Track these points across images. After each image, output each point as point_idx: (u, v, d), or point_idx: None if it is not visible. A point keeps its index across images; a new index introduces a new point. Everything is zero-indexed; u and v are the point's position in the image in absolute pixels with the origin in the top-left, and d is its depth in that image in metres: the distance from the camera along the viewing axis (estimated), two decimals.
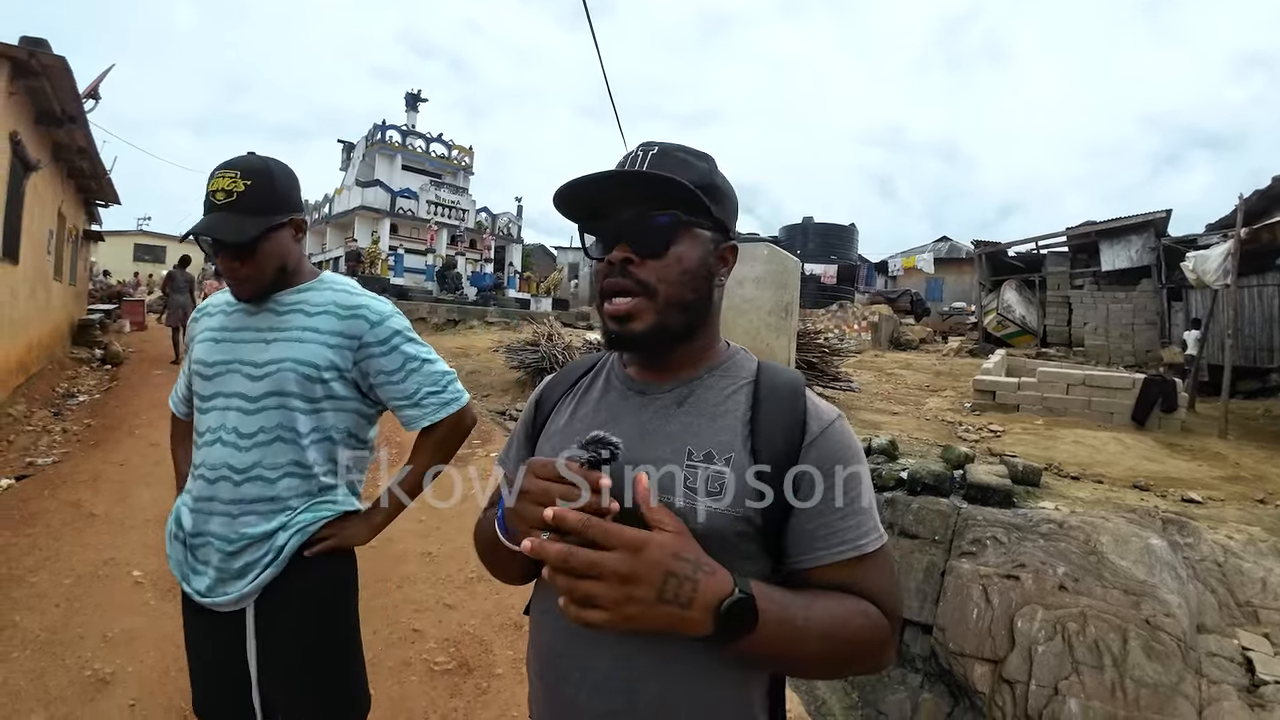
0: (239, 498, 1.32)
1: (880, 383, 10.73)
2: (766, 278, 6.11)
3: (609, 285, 0.84)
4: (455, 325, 19.22)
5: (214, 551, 1.32)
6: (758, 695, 0.86)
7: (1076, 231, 16.13)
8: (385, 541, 4.30)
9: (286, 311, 1.39)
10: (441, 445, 1.55)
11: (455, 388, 1.52)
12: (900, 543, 3.88)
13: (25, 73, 5.79)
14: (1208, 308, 10.69)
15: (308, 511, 1.37)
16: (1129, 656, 2.91)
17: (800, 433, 0.83)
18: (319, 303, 1.40)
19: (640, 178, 0.82)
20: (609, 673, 0.81)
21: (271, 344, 1.35)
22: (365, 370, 1.41)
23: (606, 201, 0.85)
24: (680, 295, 0.84)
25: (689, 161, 0.85)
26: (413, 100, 26.09)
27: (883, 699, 3.50)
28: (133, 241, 33.01)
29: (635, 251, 0.83)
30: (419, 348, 1.47)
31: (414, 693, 2.87)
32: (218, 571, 1.32)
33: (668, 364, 0.91)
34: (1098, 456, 5.65)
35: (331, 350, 1.37)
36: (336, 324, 1.38)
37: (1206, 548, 3.56)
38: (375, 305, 1.44)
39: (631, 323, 0.83)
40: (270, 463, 1.33)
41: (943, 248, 27.71)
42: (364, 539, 1.48)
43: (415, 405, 1.45)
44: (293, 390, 1.33)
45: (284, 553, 1.33)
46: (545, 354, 9.38)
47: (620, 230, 0.83)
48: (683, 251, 0.84)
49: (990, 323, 17.24)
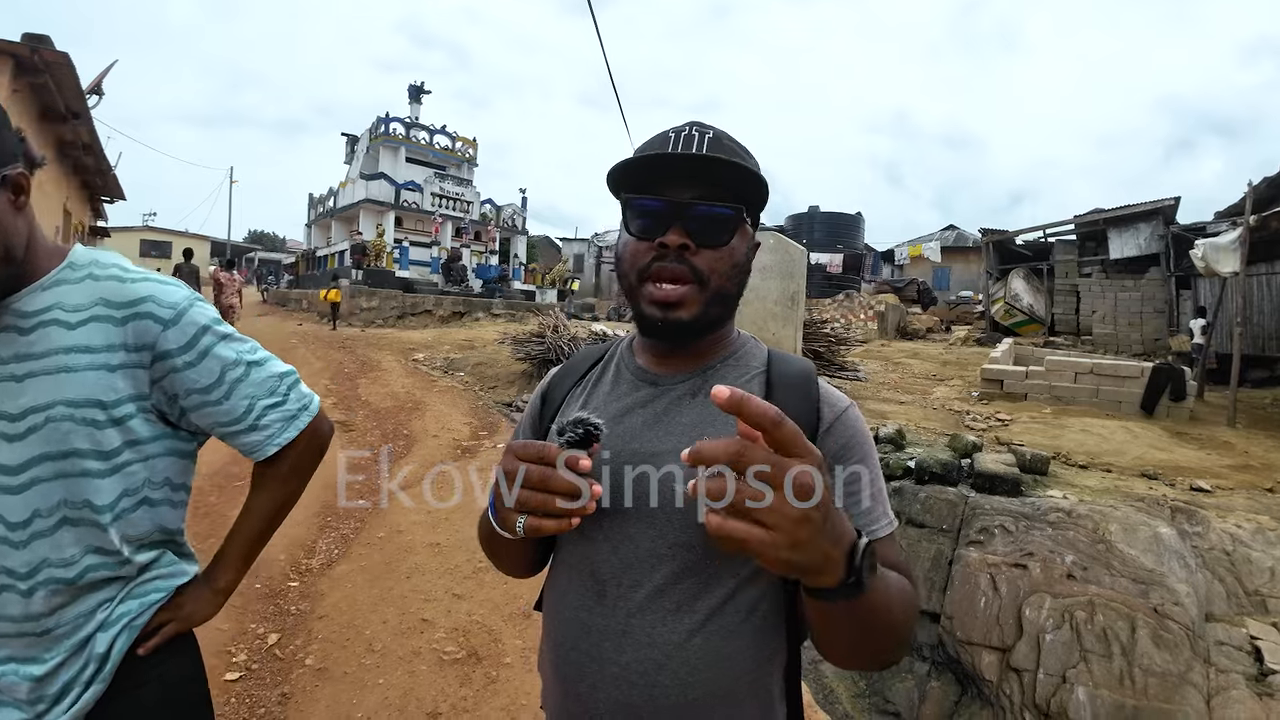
0: (32, 613, 0.93)
1: (887, 372, 10.70)
2: (772, 267, 6.09)
3: (661, 270, 0.81)
4: (461, 318, 19.26)
5: (18, 682, 0.93)
6: (776, 685, 0.85)
7: (1085, 219, 16.03)
8: (394, 532, 4.35)
9: (35, 326, 0.92)
10: (296, 472, 1.18)
11: (300, 392, 1.14)
12: (907, 531, 3.88)
13: (28, 69, 5.80)
14: (1216, 296, 10.60)
15: (130, 600, 1.02)
16: (1137, 645, 2.90)
17: (815, 421, 0.83)
18: (79, 303, 0.94)
19: (731, 166, 0.79)
20: (628, 666, 0.79)
21: (25, 382, 0.90)
22: (170, 391, 0.99)
23: (662, 180, 0.82)
24: (727, 288, 0.84)
25: (744, 156, 0.83)
26: (416, 92, 26.05)
27: (890, 687, 3.50)
28: (139, 237, 33.19)
29: (694, 239, 0.80)
30: (238, 346, 1.06)
31: (423, 682, 2.88)
32: (30, 706, 0.94)
33: (683, 353, 0.90)
34: (1106, 445, 5.63)
35: (118, 374, 0.94)
36: (113, 332, 0.94)
37: (1215, 536, 3.54)
38: (163, 293, 0.99)
39: (679, 310, 0.81)
40: (60, 558, 0.93)
41: (950, 236, 27.60)
42: (211, 611, 1.15)
43: (253, 429, 1.07)
44: (76, 447, 0.91)
45: (110, 660, 0.98)
46: (551, 345, 9.39)
47: (681, 214, 0.80)
48: (737, 245, 0.83)
49: (998, 311, 17.17)
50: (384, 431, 6.87)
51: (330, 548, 4.24)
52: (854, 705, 3.41)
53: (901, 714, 3.38)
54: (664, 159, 0.80)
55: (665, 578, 0.79)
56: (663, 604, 0.79)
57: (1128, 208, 15.16)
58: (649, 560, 0.80)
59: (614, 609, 0.81)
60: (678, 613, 0.79)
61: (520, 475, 0.69)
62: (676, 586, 0.79)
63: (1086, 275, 16.11)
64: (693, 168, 0.80)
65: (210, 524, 4.27)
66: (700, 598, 0.79)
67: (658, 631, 0.78)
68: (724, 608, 0.79)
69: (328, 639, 3.20)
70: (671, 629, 0.78)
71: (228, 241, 36.22)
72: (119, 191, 12.07)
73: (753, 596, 0.81)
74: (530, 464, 0.70)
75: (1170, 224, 14.43)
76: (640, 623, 0.79)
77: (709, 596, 0.79)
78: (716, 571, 0.79)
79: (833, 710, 3.24)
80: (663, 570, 0.80)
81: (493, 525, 0.79)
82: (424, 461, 5.85)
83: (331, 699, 2.76)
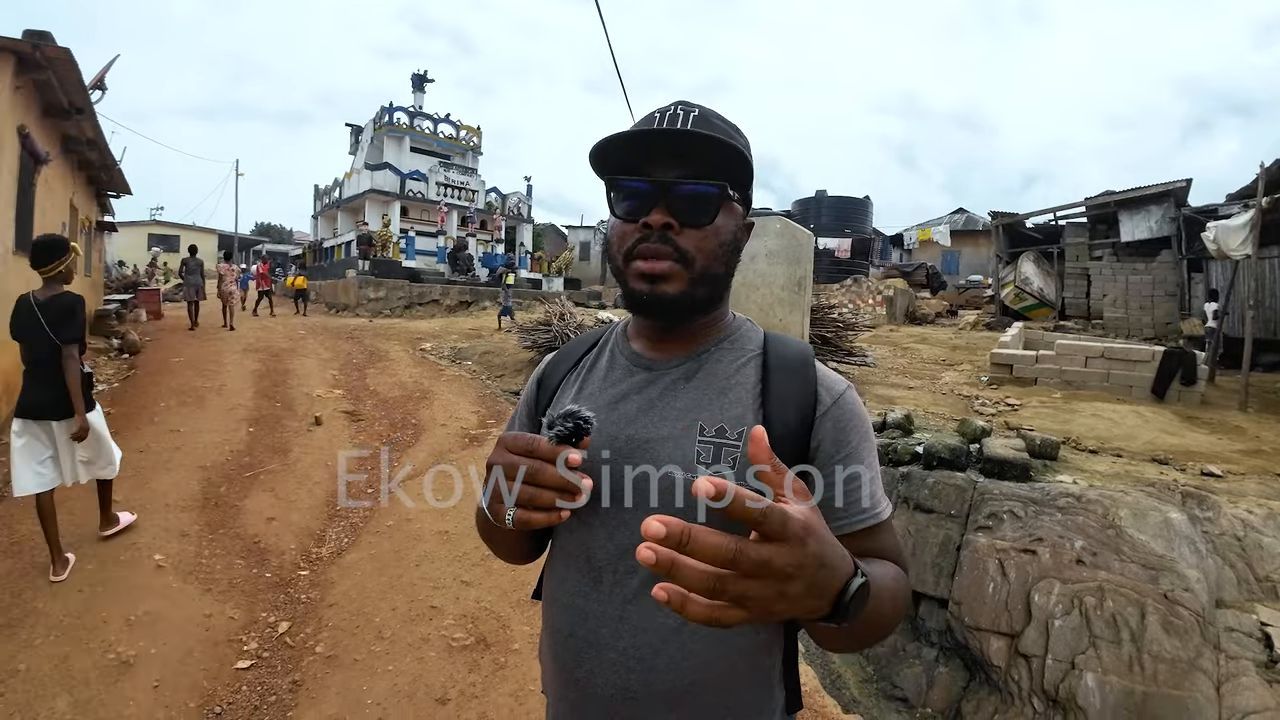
0: None
1: (896, 357, 10.66)
2: (779, 252, 6.05)
3: (646, 249, 0.80)
4: (468, 307, 19.29)
5: None
6: (774, 668, 0.86)
7: (1095, 202, 15.85)
8: (403, 521, 4.38)
9: None
10: None
11: None
12: (916, 517, 3.87)
13: (31, 66, 5.79)
14: (1228, 279, 10.48)
15: None
16: (1147, 631, 2.89)
17: (812, 403, 0.82)
18: None
19: (712, 141, 0.77)
20: (625, 651, 0.80)
21: None
22: None
23: (646, 160, 0.80)
24: (713, 267, 0.82)
25: (732, 135, 0.81)
26: (419, 81, 25.95)
27: (898, 672, 3.50)
28: (146, 231, 33.26)
29: (678, 219, 0.79)
30: None
31: (432, 668, 2.91)
32: None
33: (677, 337, 0.89)
34: (1116, 430, 5.59)
35: None
36: None
37: (1226, 522, 3.52)
38: None
39: (664, 284, 0.80)
40: None
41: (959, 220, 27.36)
42: None
43: None
44: None
45: None
46: (557, 333, 9.40)
47: (664, 193, 0.79)
48: (723, 224, 0.82)
49: (1008, 295, 17.03)
50: (392, 421, 6.90)
51: (340, 536, 4.27)
52: (861, 690, 3.42)
53: (909, 699, 3.39)
54: (643, 137, 0.78)
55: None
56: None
57: (1139, 190, 14.96)
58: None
59: (610, 595, 0.82)
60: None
61: (510, 469, 0.69)
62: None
63: (1097, 258, 15.95)
64: (674, 145, 0.78)
65: (221, 515, 4.30)
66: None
67: (653, 617, 0.79)
68: None
69: (338, 626, 3.23)
70: (666, 615, 0.78)
71: (235, 234, 36.30)
72: (125, 186, 12.09)
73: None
74: (520, 457, 0.69)
75: (1182, 206, 14.23)
76: (636, 609, 0.80)
77: None
78: None
79: (840, 695, 3.25)
80: None
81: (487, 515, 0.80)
82: (433, 450, 5.88)
83: (342, 686, 2.78)
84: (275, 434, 6.03)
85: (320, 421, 6.52)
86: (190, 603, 3.29)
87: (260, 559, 3.85)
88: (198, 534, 3.99)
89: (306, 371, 8.80)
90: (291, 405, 7.11)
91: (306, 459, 5.44)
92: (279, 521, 4.30)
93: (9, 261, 5.76)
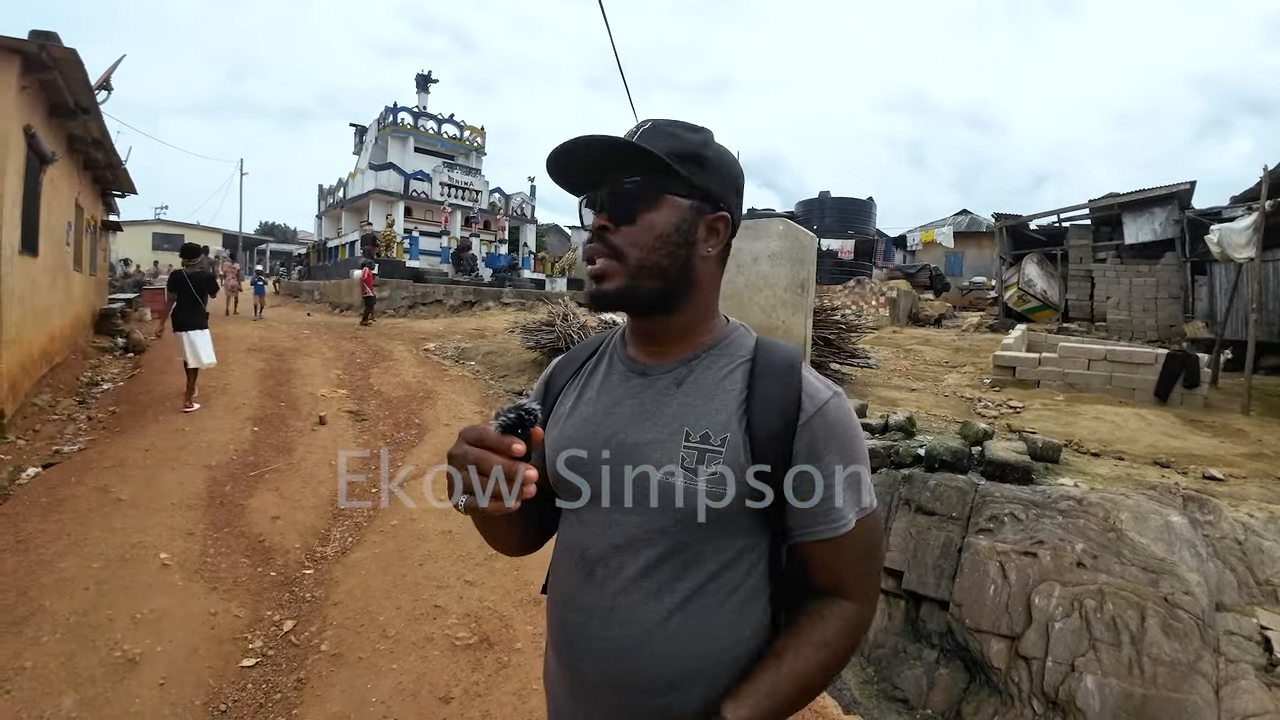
0: None
1: (898, 359, 10.66)
2: (782, 254, 6.06)
3: (587, 250, 0.89)
4: (471, 307, 19.31)
5: None
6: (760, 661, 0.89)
7: (1099, 203, 15.81)
8: (407, 520, 4.39)
9: None
10: None
11: None
12: (917, 519, 3.88)
13: (37, 66, 5.83)
14: (1232, 282, 10.46)
15: None
16: (1147, 634, 2.90)
17: (795, 411, 0.84)
18: None
19: (605, 144, 0.83)
20: (613, 641, 0.85)
21: None
22: None
23: (593, 174, 0.87)
24: (651, 260, 0.85)
25: (676, 134, 0.86)
26: (423, 81, 26.01)
27: (899, 674, 3.52)
28: (151, 230, 33.34)
29: (610, 219, 0.85)
30: None
31: (436, 667, 2.92)
32: None
33: (664, 341, 0.92)
34: (1119, 433, 5.59)
35: None
36: None
37: (1227, 525, 3.52)
38: None
39: (604, 282, 0.87)
40: None
41: (962, 221, 27.29)
42: None
43: None
44: None
45: None
46: (561, 334, 9.41)
47: (601, 199, 0.86)
48: (654, 218, 0.85)
49: (1011, 297, 17.00)
50: (396, 421, 6.92)
51: (344, 535, 4.29)
52: (862, 692, 3.43)
53: (910, 701, 3.40)
54: (559, 157, 0.85)
55: (650, 560, 0.85)
56: (646, 585, 0.85)
57: (1143, 192, 14.92)
58: (635, 544, 0.86)
59: (602, 588, 0.87)
60: (659, 594, 0.84)
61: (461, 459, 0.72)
62: (660, 569, 0.85)
63: (1101, 260, 15.90)
64: (583, 155, 0.85)
65: (226, 513, 4.33)
66: (682, 579, 0.84)
67: (640, 611, 0.84)
68: (705, 588, 0.84)
69: (342, 625, 3.25)
70: (653, 609, 0.84)
71: (239, 234, 36.35)
72: (130, 186, 12.14)
73: (735, 578, 0.86)
74: (470, 447, 0.72)
75: (1186, 208, 14.19)
76: (625, 602, 0.85)
77: (690, 578, 0.84)
78: (699, 555, 0.84)
79: (840, 697, 3.26)
80: (647, 554, 0.85)
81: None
82: (436, 450, 5.90)
83: (346, 684, 2.80)
84: (280, 433, 6.06)
85: (324, 421, 6.55)
86: (196, 601, 3.31)
87: (265, 558, 3.87)
88: (203, 533, 4.01)
89: (310, 371, 8.83)
90: (296, 405, 7.14)
91: (311, 458, 5.47)
92: (284, 520, 4.33)
93: (15, 260, 5.80)
